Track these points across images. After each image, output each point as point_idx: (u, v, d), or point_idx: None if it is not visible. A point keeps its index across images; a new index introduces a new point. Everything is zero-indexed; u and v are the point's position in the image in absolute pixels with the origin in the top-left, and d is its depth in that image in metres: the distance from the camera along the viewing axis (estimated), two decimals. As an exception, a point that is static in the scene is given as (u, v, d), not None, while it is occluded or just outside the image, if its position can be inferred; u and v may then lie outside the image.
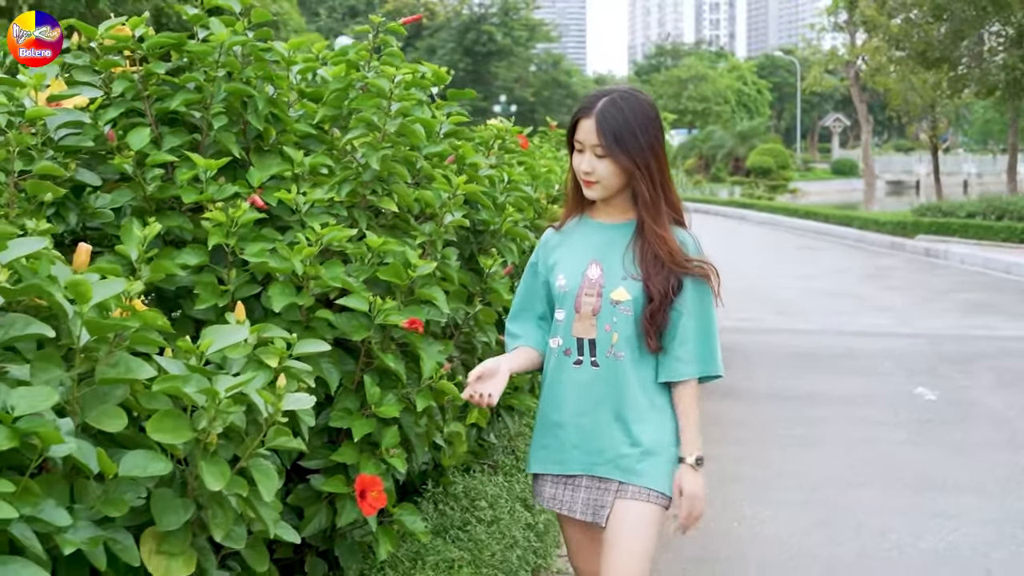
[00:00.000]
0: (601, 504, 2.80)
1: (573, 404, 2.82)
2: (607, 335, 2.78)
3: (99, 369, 2.30)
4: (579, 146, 2.79)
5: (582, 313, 2.80)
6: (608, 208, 2.89)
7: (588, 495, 2.82)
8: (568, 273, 2.85)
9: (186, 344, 2.45)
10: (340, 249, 3.14)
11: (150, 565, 2.31)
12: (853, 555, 4.93)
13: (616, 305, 2.77)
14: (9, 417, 1.97)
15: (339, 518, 2.99)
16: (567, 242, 2.93)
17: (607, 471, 2.79)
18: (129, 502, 2.24)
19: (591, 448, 2.80)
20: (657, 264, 2.76)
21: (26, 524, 2.02)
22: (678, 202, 2.87)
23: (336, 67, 3.81)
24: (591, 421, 2.80)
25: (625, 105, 2.74)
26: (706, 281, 2.81)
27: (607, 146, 2.70)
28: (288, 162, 3.36)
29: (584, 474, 2.83)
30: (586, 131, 2.75)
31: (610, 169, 2.74)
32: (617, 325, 2.77)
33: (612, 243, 2.85)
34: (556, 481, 2.88)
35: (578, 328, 2.81)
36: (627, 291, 2.77)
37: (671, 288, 2.75)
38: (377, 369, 3.17)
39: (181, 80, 3.39)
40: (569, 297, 2.82)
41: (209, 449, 2.36)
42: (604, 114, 2.72)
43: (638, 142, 2.72)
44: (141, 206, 3.20)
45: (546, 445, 2.89)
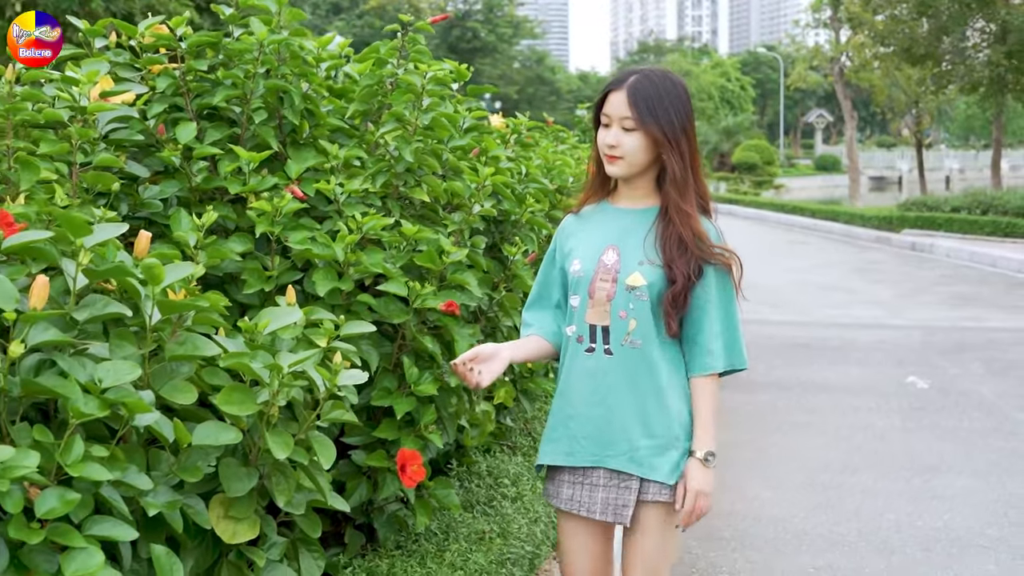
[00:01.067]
0: (623, 503, 2.69)
1: (585, 394, 2.72)
2: (623, 322, 2.67)
3: (168, 347, 2.46)
4: (606, 120, 2.68)
5: (596, 299, 2.70)
6: (629, 191, 2.77)
7: (607, 494, 2.71)
8: (583, 258, 2.75)
9: (246, 324, 2.61)
10: (376, 237, 3.30)
11: (218, 529, 2.47)
12: (854, 533, 5.12)
13: (632, 291, 2.66)
14: (97, 388, 2.12)
15: (380, 491, 3.16)
16: (585, 227, 2.83)
17: (622, 464, 2.68)
18: (202, 470, 2.40)
19: (603, 440, 2.70)
20: (681, 247, 2.65)
21: (113, 487, 2.18)
22: (706, 189, 2.77)
23: (362, 65, 3.97)
24: (603, 411, 2.70)
25: (658, 81, 2.65)
26: (728, 272, 2.71)
27: (638, 117, 2.61)
28: (323, 155, 3.52)
29: (598, 467, 2.72)
30: (615, 104, 2.65)
31: (637, 143, 2.63)
32: (634, 311, 2.66)
33: (632, 228, 2.74)
34: (573, 482, 2.75)
35: (591, 315, 2.71)
36: (643, 276, 2.66)
37: (693, 272, 2.64)
38: (413, 351, 3.33)
39: (220, 76, 3.55)
40: (583, 283, 2.72)
41: (271, 421, 2.52)
42: (636, 86, 2.63)
43: (669, 117, 2.63)
44: (187, 196, 3.36)
45: (557, 437, 2.79)
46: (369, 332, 2.83)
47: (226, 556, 2.57)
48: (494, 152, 4.04)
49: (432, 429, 3.24)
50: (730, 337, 2.73)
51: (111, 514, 2.15)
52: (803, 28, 37.73)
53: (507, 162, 4.17)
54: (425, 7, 74.52)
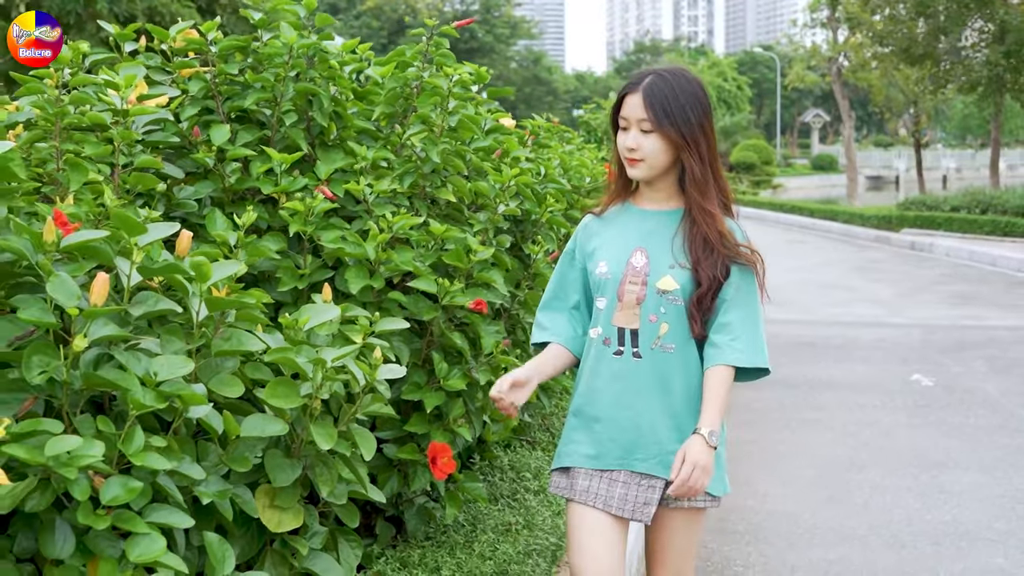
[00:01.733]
0: (645, 501, 2.66)
1: (612, 397, 2.68)
2: (652, 326, 2.65)
3: (214, 343, 2.55)
4: (624, 123, 2.67)
5: (625, 302, 2.67)
6: (652, 193, 2.76)
7: (627, 491, 2.67)
8: (610, 260, 2.71)
9: (287, 320, 2.70)
10: (404, 236, 3.39)
11: (264, 518, 2.56)
12: (865, 528, 5.20)
13: (664, 295, 2.64)
14: (153, 381, 2.21)
15: (411, 483, 3.24)
16: (609, 228, 2.79)
17: (650, 467, 2.66)
18: (250, 460, 2.48)
19: (631, 443, 2.67)
20: (707, 248, 2.64)
21: (168, 477, 2.27)
22: (727, 187, 2.75)
23: (384, 68, 4.05)
24: (632, 415, 2.66)
25: (673, 80, 2.63)
26: (752, 270, 2.70)
27: (654, 119, 2.59)
28: (351, 156, 3.60)
29: (623, 470, 2.68)
30: (632, 106, 2.64)
31: (656, 145, 2.62)
32: (666, 315, 2.64)
33: (658, 230, 2.72)
34: (591, 475, 2.70)
35: (619, 317, 2.68)
36: (675, 280, 2.65)
37: (720, 273, 2.64)
38: (441, 347, 3.42)
39: (248, 79, 3.63)
40: (611, 284, 2.69)
41: (313, 414, 2.60)
42: (651, 88, 2.61)
43: (686, 116, 2.61)
44: (220, 197, 3.44)
45: (579, 439, 2.74)
46: (401, 328, 2.92)
47: (270, 545, 2.65)
48: (514, 153, 4.12)
49: (461, 423, 3.33)
50: (751, 335, 2.67)
51: (166, 502, 2.24)
52: (801, 28, 37.79)
53: (526, 163, 4.26)
54: (422, 8, 74.66)
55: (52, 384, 2.14)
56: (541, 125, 4.77)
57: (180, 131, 3.46)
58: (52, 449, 1.94)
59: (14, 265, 2.33)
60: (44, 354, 2.10)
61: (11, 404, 2.11)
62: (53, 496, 2.02)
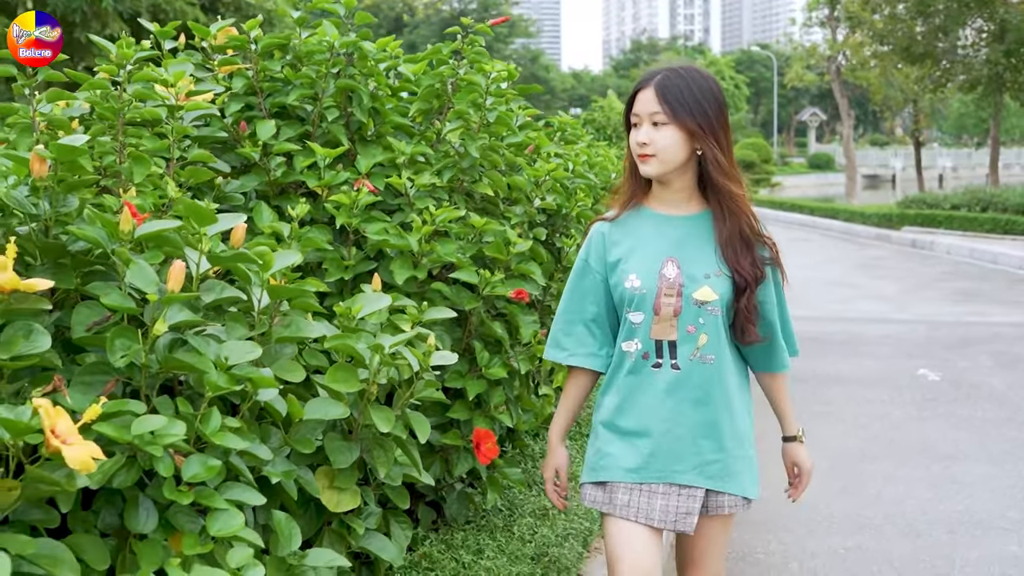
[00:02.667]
0: (687, 511, 2.64)
1: (652, 410, 2.64)
2: (691, 337, 2.61)
3: (275, 329, 2.64)
4: (636, 119, 2.62)
5: (662, 315, 2.61)
6: (669, 195, 2.69)
7: (667, 501, 2.64)
8: (641, 272, 2.64)
9: (341, 308, 2.79)
10: (444, 229, 3.48)
11: (324, 498, 2.65)
12: (880, 517, 5.31)
13: (703, 306, 2.60)
14: (224, 365, 2.30)
15: (454, 468, 3.34)
16: (631, 237, 2.70)
17: (691, 479, 2.64)
18: (313, 442, 2.58)
19: (672, 456, 2.64)
20: (743, 245, 2.62)
21: (239, 457, 2.36)
22: (745, 186, 2.71)
23: (416, 65, 4.15)
24: (672, 427, 2.63)
25: (687, 75, 2.59)
26: (777, 263, 2.71)
27: (669, 110, 2.55)
28: (389, 151, 3.70)
29: (663, 483, 2.65)
30: (644, 100, 2.60)
31: (670, 138, 2.56)
32: (705, 327, 2.61)
33: (688, 237, 2.66)
34: (630, 488, 2.67)
35: (656, 330, 2.62)
36: (713, 290, 2.60)
37: (760, 270, 2.63)
38: (481, 336, 3.52)
39: (288, 75, 3.73)
40: (647, 299, 2.62)
41: (370, 399, 2.70)
42: (665, 81, 2.57)
43: (702, 108, 2.57)
44: (265, 190, 3.54)
45: (616, 453, 2.69)
46: (446, 318, 3.02)
47: (328, 524, 2.75)
48: (545, 148, 4.22)
49: (502, 410, 3.42)
50: (788, 329, 2.82)
51: (238, 481, 2.33)
52: (800, 27, 37.91)
53: (556, 158, 4.36)
54: (419, 7, 74.77)
55: (131, 367, 2.24)
56: (567, 122, 4.88)
57: (225, 126, 3.55)
58: (137, 428, 2.04)
59: (87, 254, 2.43)
60: (126, 338, 2.19)
61: (94, 386, 2.21)
62: (139, 473, 2.11)
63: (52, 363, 2.18)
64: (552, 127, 4.84)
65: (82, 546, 2.01)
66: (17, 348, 2.07)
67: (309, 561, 2.41)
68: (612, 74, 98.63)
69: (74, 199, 2.48)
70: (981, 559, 4.74)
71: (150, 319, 2.25)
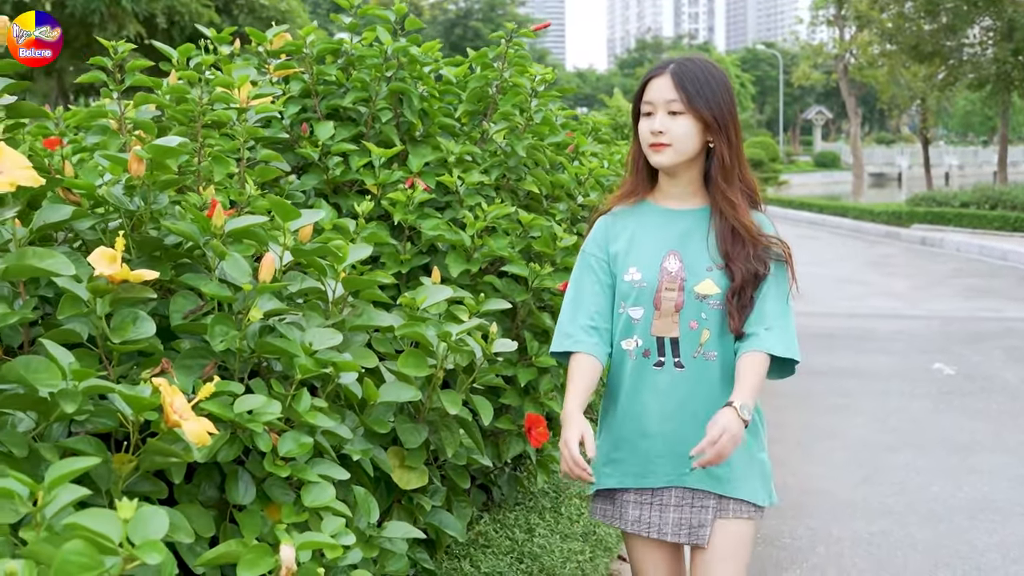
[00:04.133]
0: (699, 523, 2.57)
1: (656, 410, 2.57)
2: (693, 333, 2.54)
3: (348, 318, 2.82)
4: (648, 108, 2.54)
5: (663, 310, 2.54)
6: (675, 188, 2.63)
7: (680, 514, 2.58)
8: (643, 266, 2.58)
9: (407, 299, 2.97)
10: (492, 224, 3.66)
11: (395, 476, 2.83)
12: (902, 505, 5.48)
13: (704, 300, 2.53)
14: (309, 350, 2.48)
15: (506, 452, 3.52)
16: (632, 230, 2.65)
17: (699, 482, 2.56)
18: (387, 423, 2.76)
19: (679, 458, 2.54)
20: (736, 241, 2.54)
21: (323, 435, 2.54)
22: (752, 180, 2.64)
23: (458, 68, 4.33)
24: (678, 427, 2.55)
25: (702, 64, 2.55)
26: (784, 263, 2.60)
27: (686, 99, 2.48)
28: (438, 151, 3.88)
29: (672, 487, 2.58)
30: (659, 88, 2.52)
31: (686, 128, 2.50)
32: (707, 322, 2.54)
33: (690, 231, 2.60)
34: (641, 502, 2.61)
35: (658, 326, 2.55)
36: (715, 283, 2.53)
37: (757, 266, 2.52)
38: (530, 326, 3.69)
39: (339, 78, 3.91)
40: (647, 293, 2.56)
41: (436, 383, 2.88)
42: (681, 69, 2.51)
43: (718, 98, 2.51)
44: (322, 188, 3.72)
45: (621, 458, 2.63)
46: (500, 309, 3.19)
47: (398, 501, 2.93)
48: (583, 147, 4.40)
49: (551, 396, 3.60)
50: (784, 326, 2.56)
51: (322, 458, 2.51)
52: (808, 26, 38.04)
53: (593, 157, 4.53)
54: (425, 6, 74.94)
55: (226, 352, 2.41)
56: (601, 122, 5.06)
57: (284, 127, 3.73)
58: (240, 407, 2.22)
59: (178, 247, 2.61)
60: (224, 325, 2.37)
61: (193, 369, 2.39)
62: (240, 448, 2.29)
63: (156, 348, 2.36)
64: (588, 126, 5.02)
65: (190, 515, 2.18)
66: (127, 333, 2.24)
67: (387, 533, 2.59)
68: (617, 73, 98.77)
69: (164, 196, 2.66)
70: (1001, 543, 4.91)
71: (244, 307, 2.42)
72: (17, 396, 1.98)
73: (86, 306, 2.18)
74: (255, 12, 21.47)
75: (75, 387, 1.93)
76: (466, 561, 3.28)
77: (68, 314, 2.17)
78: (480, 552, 3.35)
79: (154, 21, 21.03)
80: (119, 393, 1.96)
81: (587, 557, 3.60)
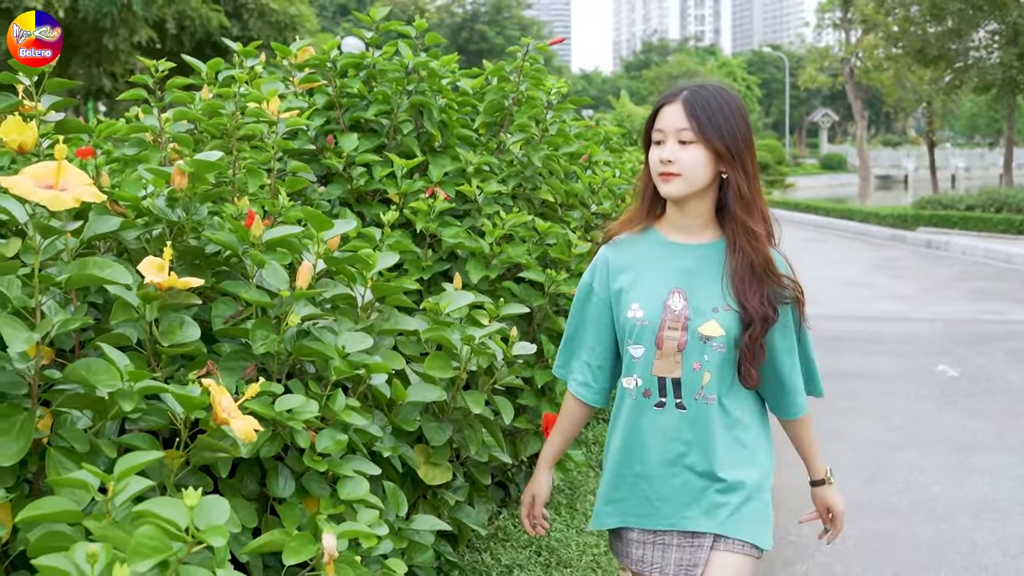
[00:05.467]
0: (694, 563, 2.51)
1: (658, 452, 2.51)
2: (695, 375, 2.46)
3: (376, 322, 2.98)
4: (659, 136, 2.47)
5: (664, 350, 2.47)
6: (684, 220, 2.53)
7: (680, 555, 2.52)
8: (645, 303, 2.50)
9: (430, 304, 3.13)
10: (510, 232, 3.81)
11: (420, 472, 2.98)
12: (906, 504, 5.63)
13: (707, 341, 2.45)
14: (342, 352, 2.63)
15: (523, 450, 3.67)
16: (636, 263, 2.57)
17: (699, 524, 2.50)
18: (415, 422, 2.91)
19: (680, 501, 2.51)
20: (753, 279, 2.46)
21: (355, 434, 2.69)
22: (768, 214, 2.54)
23: (474, 80, 4.49)
24: (679, 470, 2.50)
25: (715, 91, 2.46)
26: (797, 305, 2.54)
27: (698, 128, 2.40)
28: (457, 161, 4.03)
29: (673, 530, 2.53)
30: (670, 116, 2.44)
31: (696, 158, 2.41)
32: (709, 364, 2.46)
33: (698, 268, 2.51)
34: (643, 541, 2.57)
35: (659, 366, 2.48)
36: (720, 325, 2.45)
37: (770, 310, 2.45)
38: (546, 330, 3.85)
39: (362, 92, 4.06)
40: (648, 332, 2.48)
41: (459, 384, 3.03)
42: (693, 96, 2.43)
43: (731, 127, 2.42)
44: (346, 197, 3.87)
45: (624, 498, 2.59)
46: (518, 312, 3.34)
47: (423, 496, 3.08)
48: (596, 157, 4.56)
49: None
50: (810, 370, 2.67)
51: (354, 454, 2.66)
52: (815, 29, 38.16)
53: (605, 166, 4.69)
54: (432, 9, 75.19)
55: (264, 354, 2.57)
56: (615, 131, 5.22)
57: (309, 139, 3.89)
58: (280, 406, 2.38)
59: (217, 256, 2.77)
60: (264, 329, 2.53)
61: (235, 370, 2.54)
62: (281, 444, 2.45)
63: (200, 351, 2.51)
64: (599, 136, 5.18)
65: (234, 507, 2.34)
66: (175, 337, 2.40)
67: (415, 525, 2.74)
68: (623, 75, 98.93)
69: (203, 208, 2.81)
70: (1002, 541, 5.06)
71: (282, 312, 2.58)
72: (77, 396, 2.14)
73: (136, 312, 2.33)
74: (265, 17, 21.57)
75: (131, 387, 2.08)
76: (487, 554, 3.44)
77: (120, 319, 2.32)
78: (500, 545, 3.51)
79: (164, 26, 21.19)
80: (172, 393, 2.12)
81: (602, 551, 3.76)
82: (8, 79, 2.83)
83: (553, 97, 4.07)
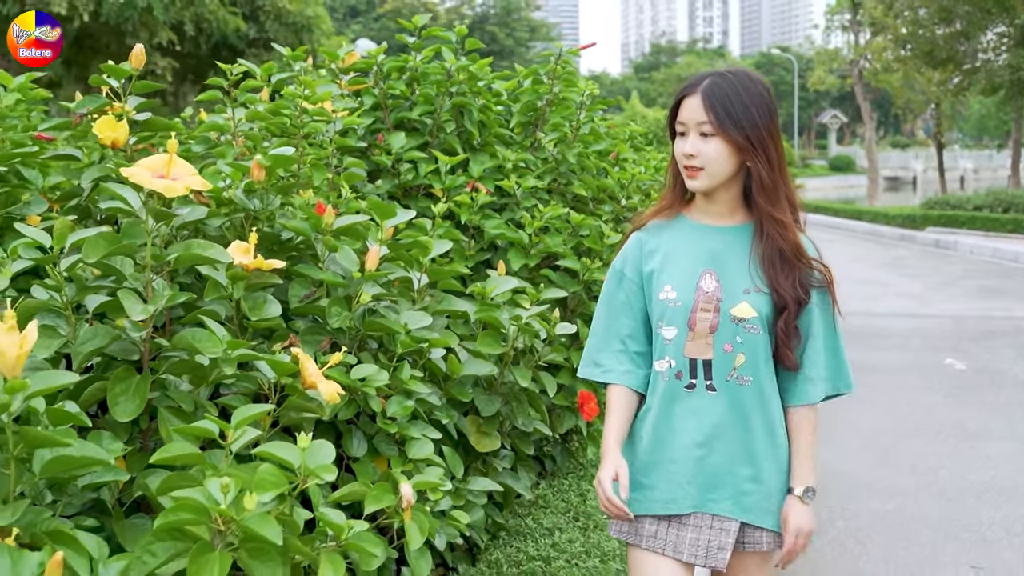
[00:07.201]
0: (719, 546, 2.45)
1: (687, 435, 2.46)
2: (727, 356, 2.43)
3: (430, 304, 3.27)
4: (681, 128, 2.45)
5: (697, 331, 2.44)
6: (711, 207, 2.53)
7: (698, 535, 2.46)
8: (678, 284, 2.47)
9: (478, 288, 3.41)
10: (547, 224, 4.10)
11: (472, 440, 3.27)
12: (914, 486, 5.90)
13: (740, 323, 2.42)
14: (406, 328, 2.92)
15: (560, 426, 3.95)
16: (667, 246, 2.54)
17: (725, 508, 2.45)
18: (469, 394, 3.20)
19: (707, 484, 2.46)
20: (784, 264, 2.45)
21: (415, 403, 2.98)
22: (795, 196, 2.52)
23: (508, 82, 4.78)
24: (708, 453, 2.45)
25: (735, 80, 2.42)
26: (827, 289, 2.53)
27: (716, 121, 2.38)
28: (495, 158, 4.32)
29: (696, 512, 2.47)
30: (690, 109, 2.42)
31: (718, 150, 2.39)
32: (742, 345, 2.43)
33: (728, 249, 2.50)
34: (659, 519, 2.50)
35: (691, 348, 2.45)
36: (752, 307, 2.43)
37: (802, 293, 2.44)
38: (580, 314, 4.14)
39: (405, 94, 4.36)
40: (681, 313, 2.45)
41: (507, 360, 3.32)
42: (712, 87, 2.40)
43: (752, 117, 2.39)
44: (394, 191, 4.16)
45: (651, 485, 2.50)
46: (557, 297, 3.62)
47: (474, 463, 3.37)
48: (623, 155, 4.85)
49: (600, 376, 4.04)
50: (837, 361, 2.56)
51: (416, 420, 2.95)
52: (824, 31, 38.40)
53: (632, 164, 4.98)
54: (441, 11, 75.49)
55: (338, 329, 2.86)
56: (639, 131, 5.51)
57: (359, 137, 4.18)
58: (355, 374, 2.67)
59: (290, 242, 3.06)
60: (339, 306, 2.82)
61: (311, 344, 2.83)
62: (355, 409, 2.74)
63: (281, 326, 2.80)
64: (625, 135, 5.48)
65: (316, 464, 2.63)
66: (261, 313, 2.69)
67: (471, 486, 3.04)
68: (632, 77, 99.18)
69: (276, 199, 3.10)
70: (1005, 519, 5.33)
71: (354, 292, 2.87)
72: (180, 363, 2.43)
73: (225, 290, 2.62)
74: (281, 19, 21.88)
75: (229, 355, 2.37)
76: (529, 518, 3.72)
77: (212, 297, 2.61)
78: (540, 511, 3.80)
79: (182, 28, 21.49)
80: (266, 360, 2.41)
81: (634, 519, 4.04)
82: (97, 82, 3.10)
83: (586, 99, 4.36)
